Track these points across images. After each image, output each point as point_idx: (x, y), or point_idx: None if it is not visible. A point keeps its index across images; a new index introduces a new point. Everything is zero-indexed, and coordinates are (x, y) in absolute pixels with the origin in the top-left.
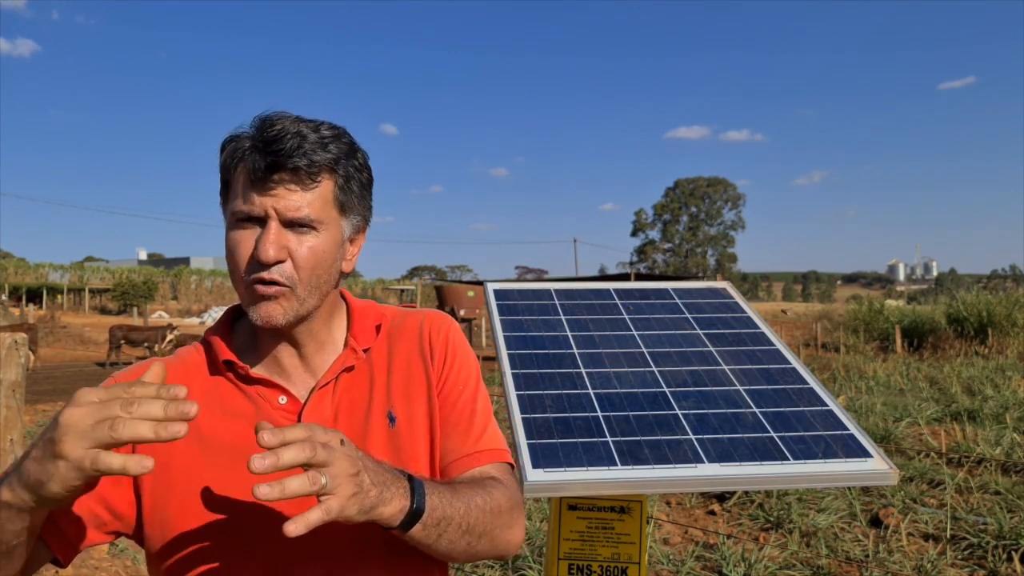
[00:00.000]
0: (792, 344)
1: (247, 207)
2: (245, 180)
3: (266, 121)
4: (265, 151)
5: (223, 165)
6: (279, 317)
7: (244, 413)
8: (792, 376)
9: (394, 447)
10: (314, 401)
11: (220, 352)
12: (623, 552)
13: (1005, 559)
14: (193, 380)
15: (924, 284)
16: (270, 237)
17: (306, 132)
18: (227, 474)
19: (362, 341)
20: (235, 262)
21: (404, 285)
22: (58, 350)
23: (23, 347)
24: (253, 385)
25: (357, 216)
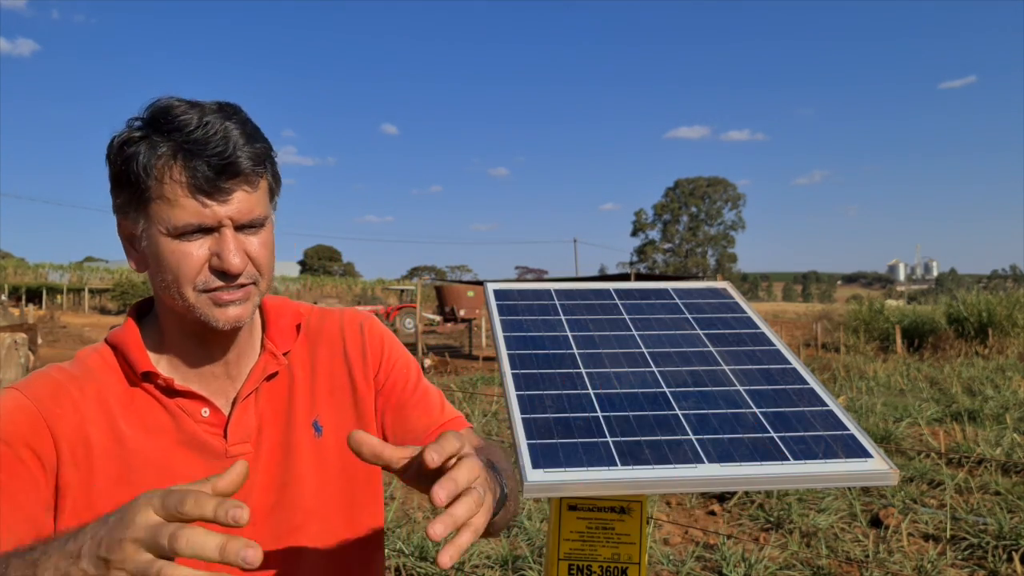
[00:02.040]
0: (792, 344)
1: (198, 219)
2: (188, 188)
3: (169, 113)
4: (203, 155)
5: (135, 172)
6: (247, 317)
7: (165, 428)
8: (792, 376)
9: (320, 458)
10: (238, 414)
11: (138, 362)
12: (623, 552)
13: (1005, 559)
14: (107, 392)
15: (924, 284)
16: (232, 246)
17: (228, 125)
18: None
19: (281, 343)
20: (182, 277)
21: (404, 285)
22: (58, 350)
23: (23, 347)
24: (174, 398)
25: (276, 197)
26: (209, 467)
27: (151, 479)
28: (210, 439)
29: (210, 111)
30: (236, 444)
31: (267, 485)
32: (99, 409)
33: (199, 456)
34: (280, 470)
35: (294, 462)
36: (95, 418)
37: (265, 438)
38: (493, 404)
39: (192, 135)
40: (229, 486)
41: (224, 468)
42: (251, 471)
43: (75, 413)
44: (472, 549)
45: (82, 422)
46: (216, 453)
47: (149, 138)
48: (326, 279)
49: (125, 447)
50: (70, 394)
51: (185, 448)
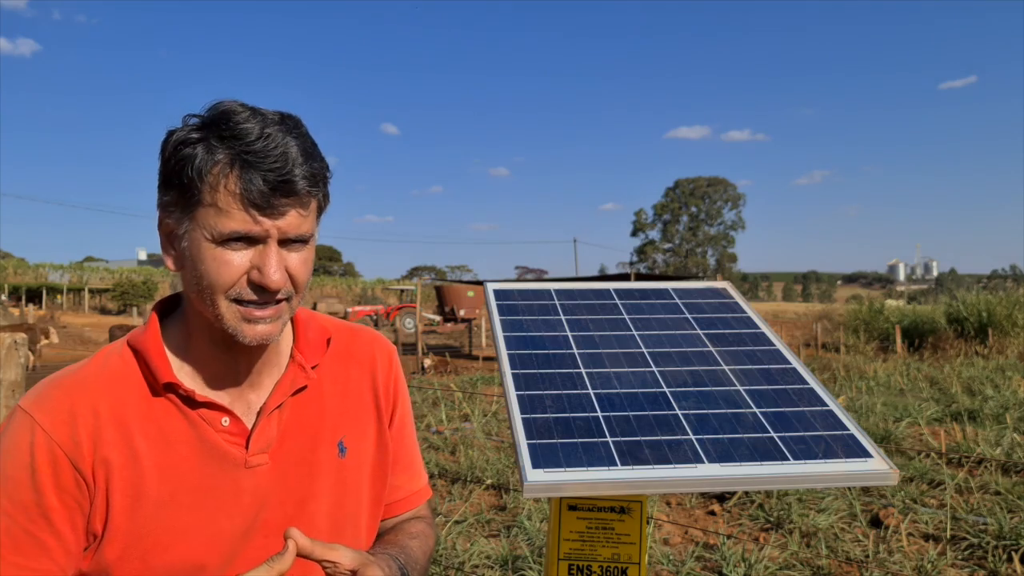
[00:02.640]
0: (792, 344)
1: (247, 228)
2: (241, 199)
3: (230, 120)
4: (261, 168)
5: (188, 175)
6: (276, 335)
7: (185, 438)
8: (792, 376)
9: (341, 479)
10: (262, 426)
11: (160, 372)
12: (623, 552)
13: (1005, 559)
14: (128, 399)
15: (924, 284)
16: (273, 261)
17: (289, 141)
18: (172, 510)
19: (310, 356)
20: (218, 284)
21: (404, 285)
22: (58, 350)
23: (23, 347)
24: (196, 408)
25: (321, 215)
26: (228, 475)
27: (168, 493)
28: (230, 449)
29: (272, 122)
30: (255, 454)
31: (285, 499)
32: (115, 427)
33: (218, 466)
34: (300, 486)
35: (315, 479)
36: (111, 437)
37: (287, 452)
38: (493, 404)
39: (252, 146)
40: (287, 564)
41: (243, 480)
42: (270, 483)
43: (91, 436)
44: (472, 549)
45: (99, 445)
46: (236, 463)
47: (207, 141)
48: (326, 279)
49: (141, 463)
50: (84, 416)
51: (205, 458)
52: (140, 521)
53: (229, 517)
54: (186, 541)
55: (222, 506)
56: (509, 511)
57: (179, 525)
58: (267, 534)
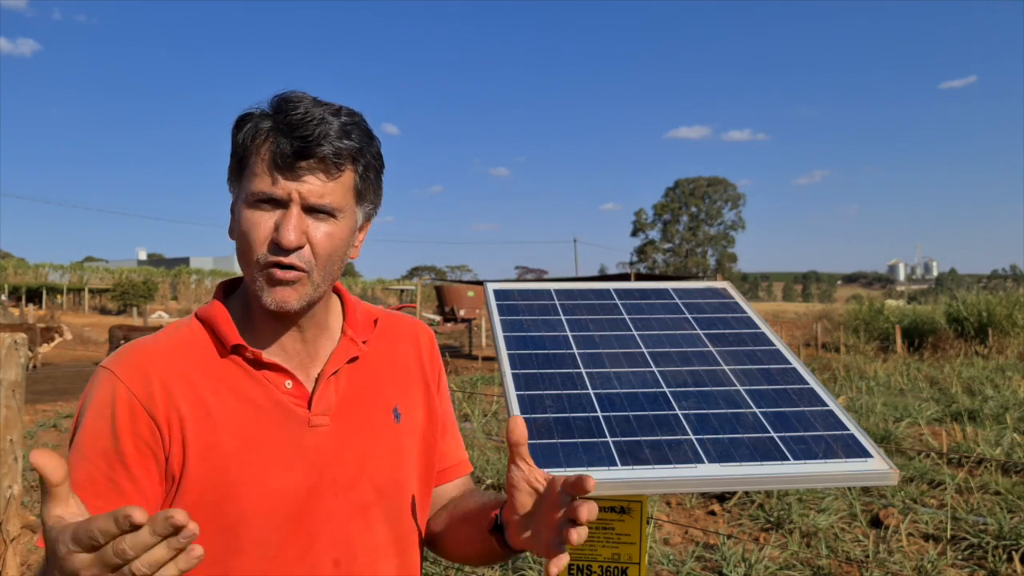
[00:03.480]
0: (792, 344)
1: (269, 189)
2: (268, 162)
3: (286, 101)
4: (291, 135)
5: (239, 143)
6: (294, 302)
7: (253, 397)
8: (792, 376)
9: (396, 442)
10: (322, 389)
11: (227, 335)
12: (623, 552)
13: (1005, 559)
14: (199, 360)
15: (924, 284)
16: (292, 222)
17: (330, 118)
18: (241, 462)
19: (360, 332)
20: (249, 243)
21: (404, 285)
22: (58, 350)
23: (23, 347)
24: (261, 370)
25: (369, 204)
26: (293, 432)
27: (238, 445)
28: (295, 408)
29: (324, 107)
30: (318, 415)
31: (348, 460)
32: (185, 383)
33: (284, 423)
34: (359, 448)
35: (373, 442)
36: (183, 392)
37: (346, 416)
38: (493, 404)
39: (290, 118)
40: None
41: (306, 437)
42: (332, 444)
43: (164, 390)
44: None
45: (172, 397)
46: (300, 421)
47: (261, 117)
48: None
49: (213, 417)
50: (158, 372)
51: (271, 415)
52: (212, 471)
53: (294, 472)
54: (255, 491)
55: (287, 460)
56: None
57: (248, 476)
58: (335, 492)
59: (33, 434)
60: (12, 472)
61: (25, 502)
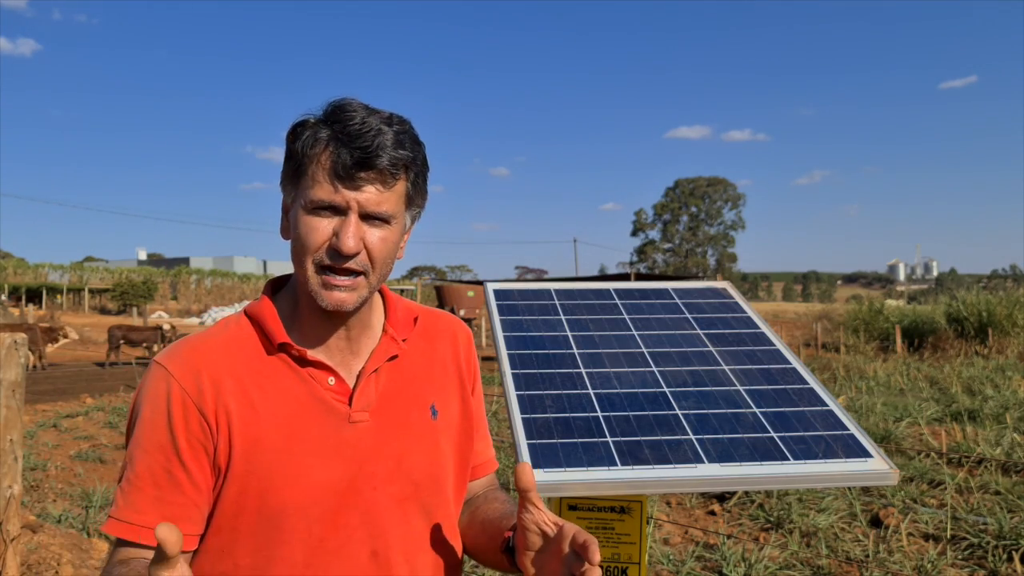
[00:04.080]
0: (792, 344)
1: (330, 198)
2: (329, 171)
3: (342, 110)
4: (351, 146)
5: (297, 150)
6: (350, 304)
7: (296, 393)
8: (792, 376)
9: (434, 439)
10: (363, 386)
11: (275, 334)
12: (623, 552)
13: (1005, 559)
14: (246, 358)
15: (924, 284)
16: (351, 229)
17: (385, 128)
18: (283, 455)
19: (400, 331)
20: (305, 247)
21: (404, 285)
22: (58, 350)
23: (23, 347)
24: (306, 367)
25: (416, 208)
26: (334, 427)
27: (281, 440)
28: (336, 405)
29: (377, 116)
30: (358, 411)
31: (387, 455)
32: (233, 380)
33: (326, 418)
34: (398, 442)
35: (411, 437)
36: (231, 388)
37: (386, 412)
38: (493, 404)
39: (349, 128)
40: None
41: (347, 432)
42: (371, 439)
43: (214, 386)
44: None
45: (220, 393)
46: (340, 417)
47: (318, 125)
48: None
49: (257, 412)
50: (208, 369)
51: (313, 411)
52: (257, 463)
53: (334, 466)
54: (297, 484)
55: (328, 455)
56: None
57: (291, 469)
58: (375, 486)
59: (33, 434)
60: (12, 472)
61: (25, 502)
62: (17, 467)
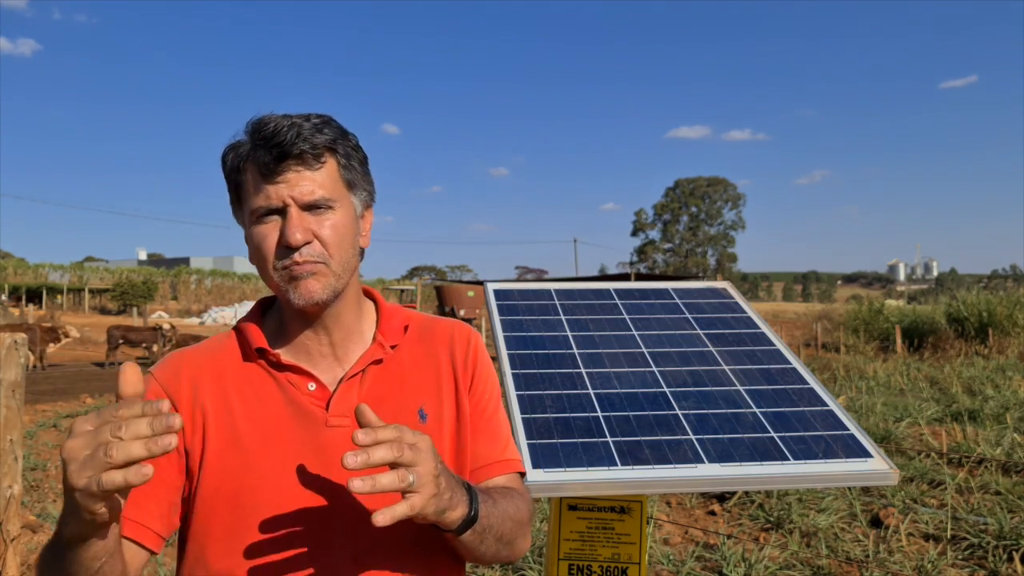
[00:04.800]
0: (792, 344)
1: (266, 202)
2: (255, 177)
3: (259, 122)
4: (268, 146)
5: (229, 172)
6: (319, 292)
7: (273, 397)
8: (792, 376)
9: None
10: (342, 390)
11: (253, 339)
12: (623, 552)
13: (1005, 559)
14: (228, 364)
15: (924, 284)
16: (294, 222)
17: (300, 122)
18: (258, 456)
19: (390, 338)
20: (262, 256)
21: (404, 285)
22: (58, 350)
23: (23, 347)
24: (284, 372)
25: (363, 192)
26: (310, 433)
27: (257, 441)
28: (314, 409)
29: (293, 117)
30: (337, 416)
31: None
32: (213, 382)
33: (302, 423)
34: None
35: None
36: (209, 389)
37: None
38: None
39: (263, 133)
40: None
41: (324, 437)
42: (350, 444)
43: (192, 387)
44: None
45: (198, 394)
46: (317, 422)
47: (239, 143)
48: None
49: (234, 414)
50: (189, 371)
51: (290, 415)
52: (231, 462)
53: (312, 468)
54: (271, 484)
55: (304, 457)
56: None
57: (265, 469)
58: (359, 496)
59: (33, 434)
60: (12, 472)
61: (25, 502)
62: (17, 467)
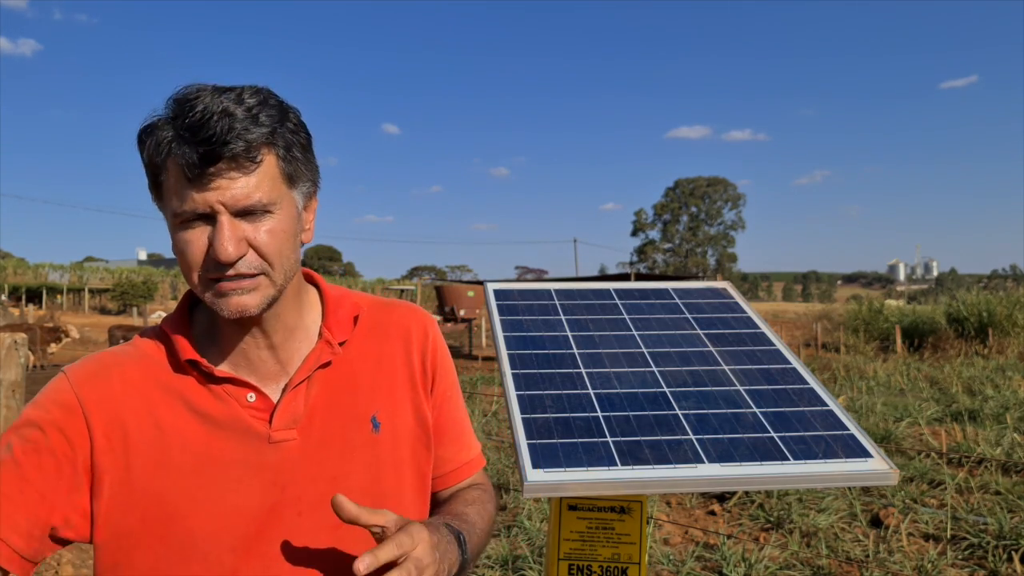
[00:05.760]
0: (792, 344)
1: (191, 207)
2: (179, 177)
3: (183, 102)
4: (194, 141)
5: (148, 162)
6: (253, 307)
7: (210, 413)
8: (792, 376)
9: (375, 454)
10: (287, 401)
11: (182, 351)
12: (623, 552)
13: (1005, 559)
14: (156, 374)
15: (924, 284)
16: (225, 234)
17: (232, 108)
18: (192, 479)
19: (338, 333)
20: (189, 264)
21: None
22: (59, 350)
23: (23, 347)
24: (220, 384)
25: (306, 183)
26: (253, 449)
27: (190, 462)
28: (254, 423)
29: (225, 95)
30: (280, 430)
31: (317, 476)
32: (139, 396)
33: (240, 440)
34: (333, 462)
35: (348, 456)
36: (134, 405)
37: (317, 428)
38: (493, 404)
39: (188, 121)
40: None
41: (266, 454)
42: (299, 459)
43: (112, 401)
44: None
45: (119, 409)
46: (260, 437)
47: (160, 126)
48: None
49: (164, 432)
50: (111, 381)
51: (227, 431)
52: (160, 487)
53: (250, 491)
54: (205, 510)
55: (243, 478)
56: (509, 511)
57: (199, 494)
58: (300, 511)
59: None
60: None
61: None
62: None
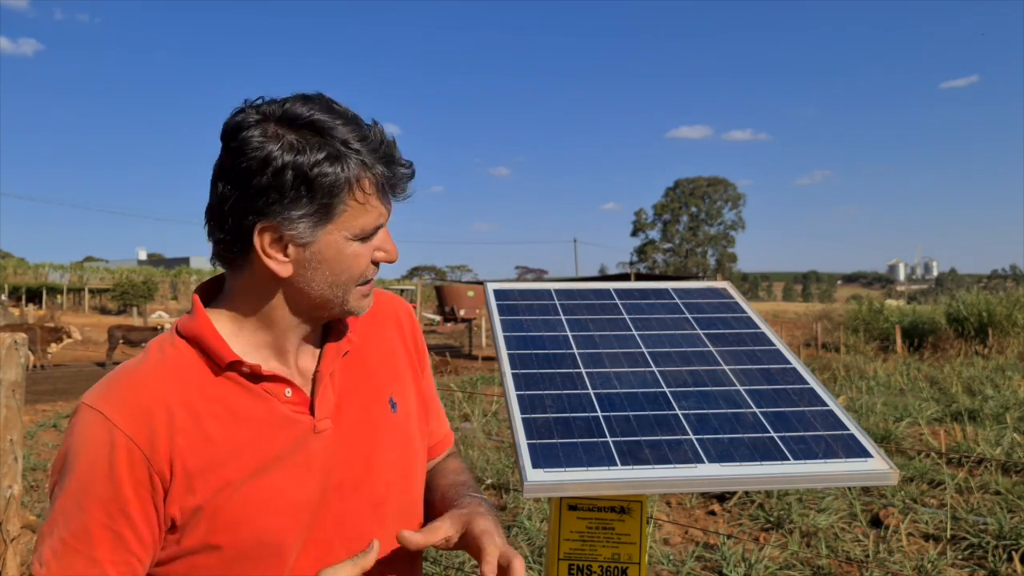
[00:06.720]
0: (792, 344)
1: (381, 220)
2: (371, 192)
3: (360, 124)
4: (391, 164)
5: (337, 185)
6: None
7: (254, 414)
8: (792, 376)
9: (397, 433)
10: (322, 391)
11: (222, 353)
12: (623, 552)
13: (1005, 559)
14: (193, 384)
15: (924, 284)
16: (391, 240)
17: (388, 136)
18: (250, 484)
19: (351, 323)
20: (353, 274)
21: (404, 285)
22: (59, 350)
23: (23, 347)
24: (259, 383)
25: None
26: (300, 442)
27: (244, 468)
28: (298, 418)
29: (368, 124)
30: (322, 419)
31: (353, 460)
32: (186, 414)
33: (289, 435)
34: (364, 445)
35: (377, 437)
36: (184, 426)
37: (346, 414)
38: (493, 404)
39: (384, 144)
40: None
41: (312, 443)
42: (335, 446)
43: (166, 432)
44: None
45: (174, 435)
46: (305, 429)
47: (340, 157)
48: None
49: (215, 444)
50: (158, 411)
51: (275, 430)
52: (224, 498)
53: (305, 483)
54: (267, 513)
55: (297, 474)
56: (509, 511)
57: (260, 498)
58: (342, 496)
59: (33, 434)
60: (12, 472)
61: (25, 502)
62: (17, 467)
